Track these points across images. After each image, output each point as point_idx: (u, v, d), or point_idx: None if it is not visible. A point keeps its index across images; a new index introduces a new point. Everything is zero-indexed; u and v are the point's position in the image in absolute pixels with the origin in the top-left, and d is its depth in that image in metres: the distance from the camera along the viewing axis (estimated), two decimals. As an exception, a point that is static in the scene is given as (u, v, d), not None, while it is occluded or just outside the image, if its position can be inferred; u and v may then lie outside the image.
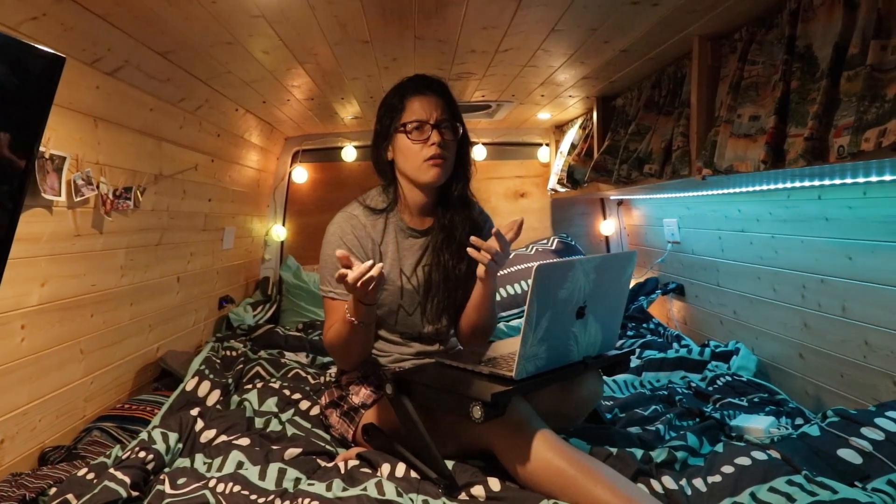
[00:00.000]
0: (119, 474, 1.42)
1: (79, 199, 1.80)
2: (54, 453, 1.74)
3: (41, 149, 1.59)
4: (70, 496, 1.37)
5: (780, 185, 2.02)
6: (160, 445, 1.61)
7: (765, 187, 2.10)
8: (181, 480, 1.43)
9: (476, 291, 1.77)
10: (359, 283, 1.43)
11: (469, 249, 1.62)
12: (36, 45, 1.15)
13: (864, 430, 1.56)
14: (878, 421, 1.57)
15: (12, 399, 1.64)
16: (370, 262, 1.44)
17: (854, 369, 1.95)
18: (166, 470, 1.53)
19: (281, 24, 1.81)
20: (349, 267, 1.44)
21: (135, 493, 1.40)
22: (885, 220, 1.78)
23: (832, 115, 1.34)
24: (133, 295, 2.25)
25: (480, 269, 1.68)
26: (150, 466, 1.52)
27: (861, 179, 1.70)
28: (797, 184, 1.91)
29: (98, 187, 1.90)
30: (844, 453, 1.52)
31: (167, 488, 1.40)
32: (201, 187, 2.76)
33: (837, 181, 1.76)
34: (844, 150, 1.27)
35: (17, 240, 1.57)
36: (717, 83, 1.92)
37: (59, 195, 1.70)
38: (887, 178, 1.61)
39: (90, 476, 1.47)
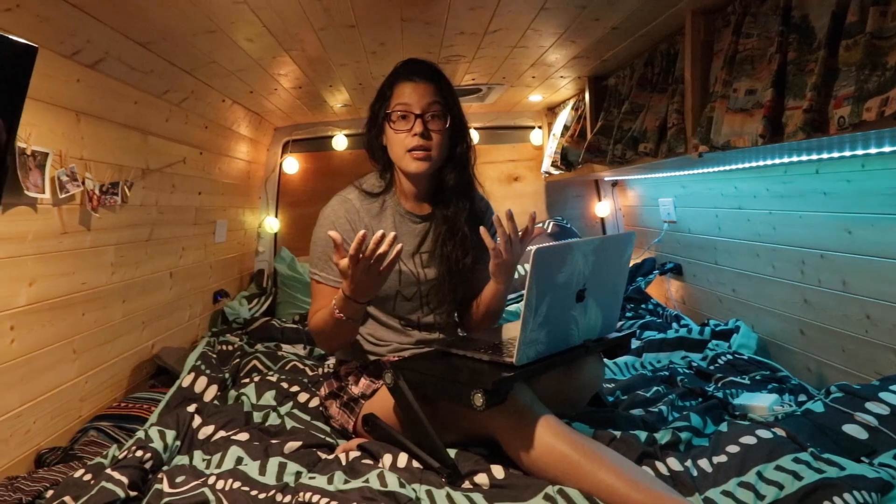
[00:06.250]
0: (116, 474, 1.39)
1: (64, 195, 1.76)
2: (50, 455, 1.72)
3: (22, 145, 1.55)
4: (67, 498, 1.35)
5: (777, 161, 1.99)
6: (157, 444, 1.58)
7: (762, 163, 2.07)
8: (180, 478, 1.41)
9: (488, 287, 1.77)
10: (360, 261, 1.40)
11: (482, 232, 1.60)
12: (6, 35, 1.11)
13: (869, 405, 1.55)
14: (882, 395, 1.56)
15: (5, 402, 1.61)
16: (380, 233, 1.40)
17: (856, 344, 1.94)
18: (164, 468, 1.51)
19: (264, 10, 1.76)
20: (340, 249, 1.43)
21: (133, 493, 1.38)
22: (884, 192, 1.76)
23: (831, 86, 1.31)
24: (125, 292, 2.22)
25: (492, 265, 1.66)
26: (147, 465, 1.50)
27: (860, 152, 1.68)
28: (794, 158, 1.89)
29: (83, 183, 1.86)
30: (850, 429, 1.51)
31: (166, 487, 1.37)
32: (191, 180, 2.72)
33: (836, 154, 1.74)
34: (845, 121, 1.24)
35: (2, 239, 1.55)
36: (710, 58, 1.88)
37: (44, 192, 1.66)
38: (886, 149, 1.59)
39: (87, 477, 1.44)
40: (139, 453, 1.52)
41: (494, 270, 1.69)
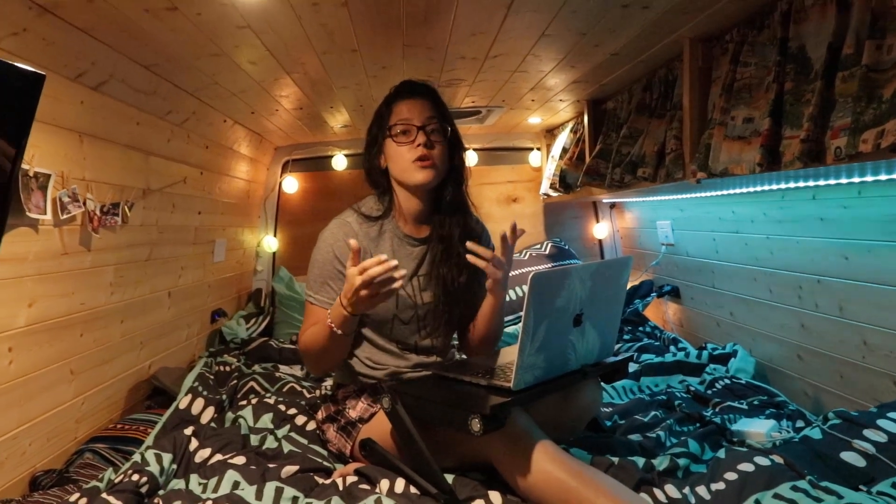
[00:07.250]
0: (112, 499, 1.38)
1: (65, 216, 1.76)
2: (46, 478, 1.71)
3: (25, 167, 1.56)
4: (61, 523, 1.34)
5: (775, 186, 2.00)
6: (154, 467, 1.57)
7: (759, 188, 2.08)
8: (176, 503, 1.40)
9: (486, 303, 1.78)
10: (374, 281, 1.42)
11: (468, 256, 1.61)
12: (15, 64, 1.13)
13: (867, 432, 1.55)
14: (880, 422, 1.56)
15: (1, 424, 1.60)
16: (395, 263, 1.44)
17: (853, 370, 1.94)
18: (160, 492, 1.50)
19: (267, 35, 1.78)
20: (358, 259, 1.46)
21: (128, 518, 1.37)
22: (880, 219, 1.77)
23: (828, 117, 1.33)
24: (123, 312, 2.22)
25: (489, 282, 1.68)
26: (143, 489, 1.49)
27: (856, 179, 1.68)
28: (791, 184, 1.90)
29: (85, 204, 1.86)
30: (847, 456, 1.51)
31: (161, 512, 1.37)
32: (191, 200, 2.73)
33: (832, 181, 1.75)
34: (842, 152, 1.25)
35: (3, 260, 1.55)
36: (708, 85, 1.90)
37: (45, 213, 1.67)
38: (882, 177, 1.60)
39: (83, 501, 1.43)
40: (135, 477, 1.51)
41: (491, 285, 1.70)
